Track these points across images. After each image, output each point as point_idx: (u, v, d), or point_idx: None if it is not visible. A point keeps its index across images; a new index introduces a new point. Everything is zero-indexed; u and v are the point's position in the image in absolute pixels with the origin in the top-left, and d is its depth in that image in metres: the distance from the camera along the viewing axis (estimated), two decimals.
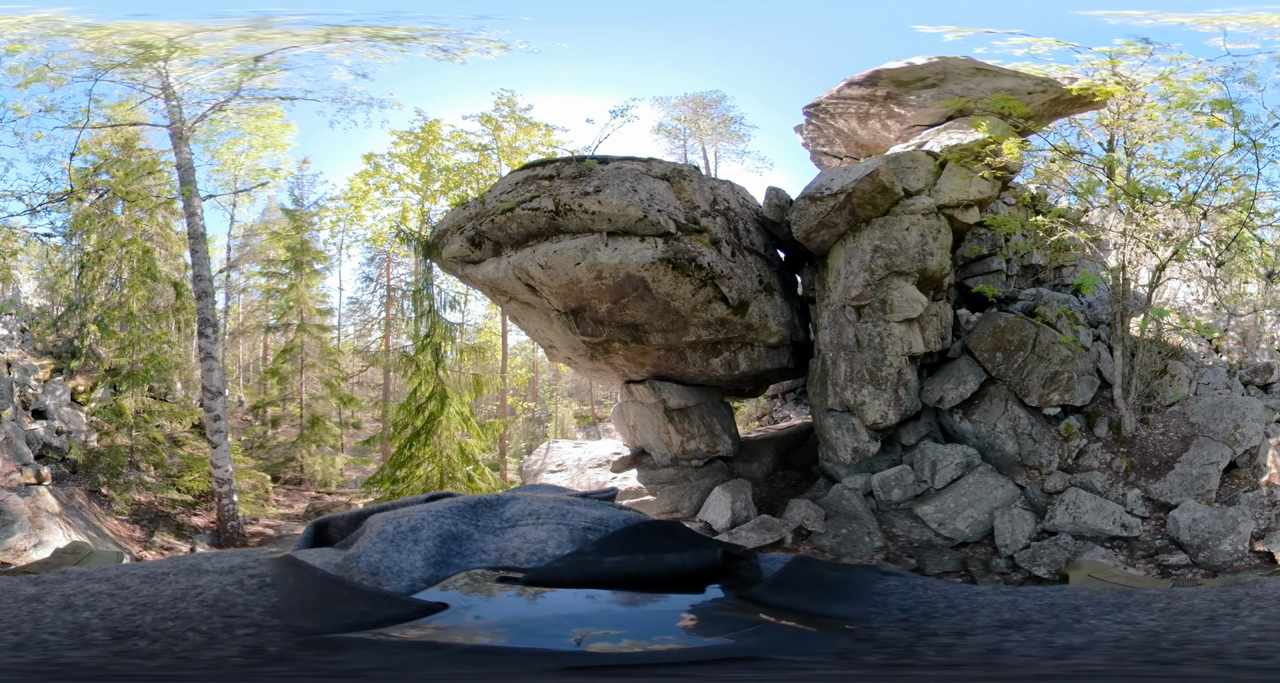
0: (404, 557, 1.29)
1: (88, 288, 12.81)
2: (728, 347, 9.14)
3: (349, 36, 10.77)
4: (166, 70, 11.62)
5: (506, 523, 1.42)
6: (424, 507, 1.56)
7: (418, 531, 1.37)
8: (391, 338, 21.23)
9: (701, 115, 22.33)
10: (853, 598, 1.13)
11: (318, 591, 1.19)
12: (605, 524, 1.40)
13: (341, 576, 1.27)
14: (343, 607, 1.11)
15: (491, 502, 1.53)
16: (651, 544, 1.33)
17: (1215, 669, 0.75)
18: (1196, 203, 7.94)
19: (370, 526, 1.48)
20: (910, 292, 8.20)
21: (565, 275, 8.26)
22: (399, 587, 1.21)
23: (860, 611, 1.08)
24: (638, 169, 8.54)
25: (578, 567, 1.22)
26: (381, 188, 16.02)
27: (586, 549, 1.30)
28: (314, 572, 1.29)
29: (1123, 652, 0.78)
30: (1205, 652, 0.77)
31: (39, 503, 9.65)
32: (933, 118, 9.50)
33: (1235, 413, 7.69)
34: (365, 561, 1.31)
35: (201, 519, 12.46)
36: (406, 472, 13.71)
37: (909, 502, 8.06)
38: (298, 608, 1.10)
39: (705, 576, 1.20)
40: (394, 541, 1.35)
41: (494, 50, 11.34)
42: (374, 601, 1.14)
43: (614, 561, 1.20)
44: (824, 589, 1.18)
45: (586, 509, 1.52)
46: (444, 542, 1.33)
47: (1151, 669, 0.75)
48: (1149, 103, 8.27)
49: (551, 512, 1.46)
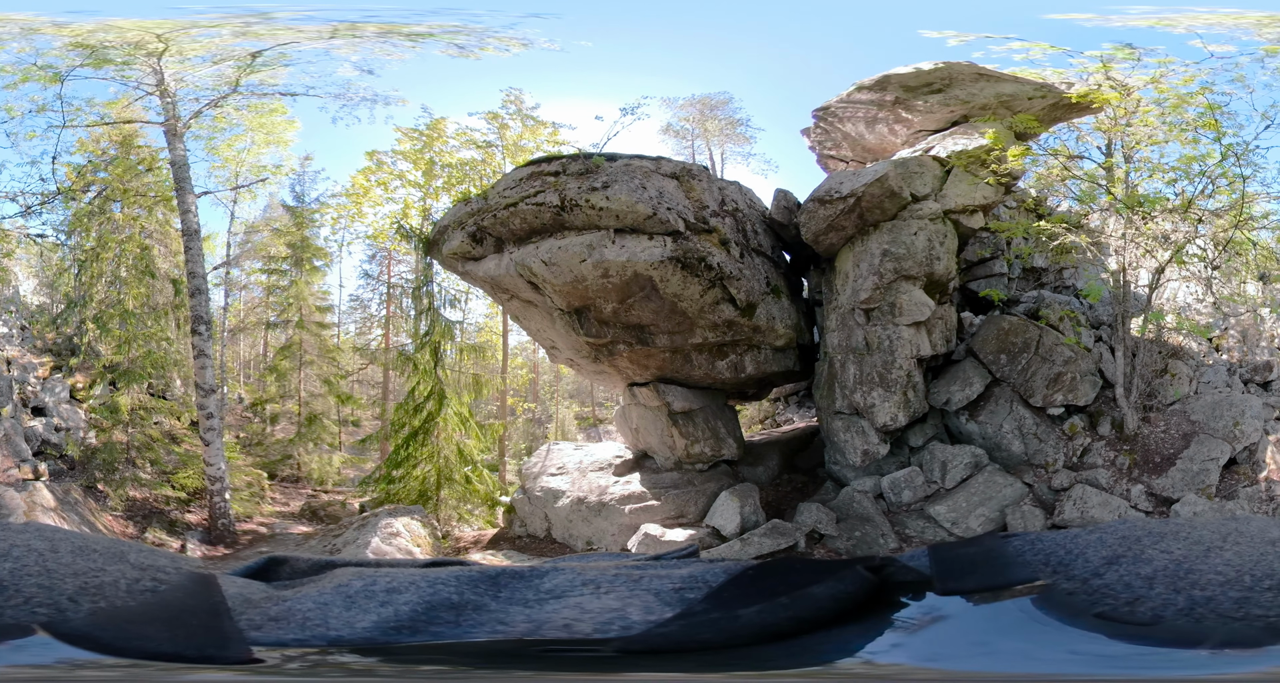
0: (346, 614, 1.02)
1: (87, 286, 12.69)
2: (734, 349, 9.16)
3: (359, 32, 10.73)
4: (161, 67, 11.55)
5: (547, 594, 1.08)
6: (418, 571, 1.22)
7: (395, 593, 1.06)
8: (392, 336, 21.14)
9: (708, 117, 22.37)
10: (1013, 564, 1.11)
11: (180, 610, 1.01)
12: (703, 580, 1.11)
13: (235, 608, 1.02)
14: (152, 629, 0.94)
15: (522, 572, 1.16)
16: (780, 585, 1.08)
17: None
18: (1193, 208, 8.09)
19: (335, 576, 1.18)
20: (918, 295, 8.28)
21: (570, 273, 8.24)
22: (286, 637, 0.96)
23: (1028, 573, 1.07)
24: (647, 167, 8.56)
25: (706, 626, 0.96)
26: (384, 184, 15.98)
27: (695, 608, 1.01)
28: (211, 594, 1.06)
29: (1165, 578, 0.97)
30: (1193, 582, 0.96)
31: (35, 498, 9.55)
32: (938, 123, 9.61)
33: (1235, 411, 7.83)
34: (286, 606, 1.04)
35: (195, 516, 12.35)
36: (403, 472, 13.64)
37: (920, 502, 8.12)
38: (123, 618, 0.96)
39: (865, 600, 1.03)
40: (351, 597, 1.05)
41: (514, 48, 11.30)
42: (192, 632, 0.94)
43: (753, 611, 0.97)
44: (990, 563, 1.15)
45: (668, 570, 1.19)
46: (430, 609, 1.01)
47: (1173, 597, 0.92)
48: (1143, 108, 8.41)
49: (617, 579, 1.12)
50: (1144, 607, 0.92)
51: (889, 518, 8.14)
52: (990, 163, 8.35)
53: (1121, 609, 0.93)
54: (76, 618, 0.95)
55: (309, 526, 13.28)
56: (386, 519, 10.06)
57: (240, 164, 14.55)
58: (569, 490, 10.01)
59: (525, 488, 10.91)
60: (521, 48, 11.25)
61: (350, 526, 10.83)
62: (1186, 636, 0.87)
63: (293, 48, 11.64)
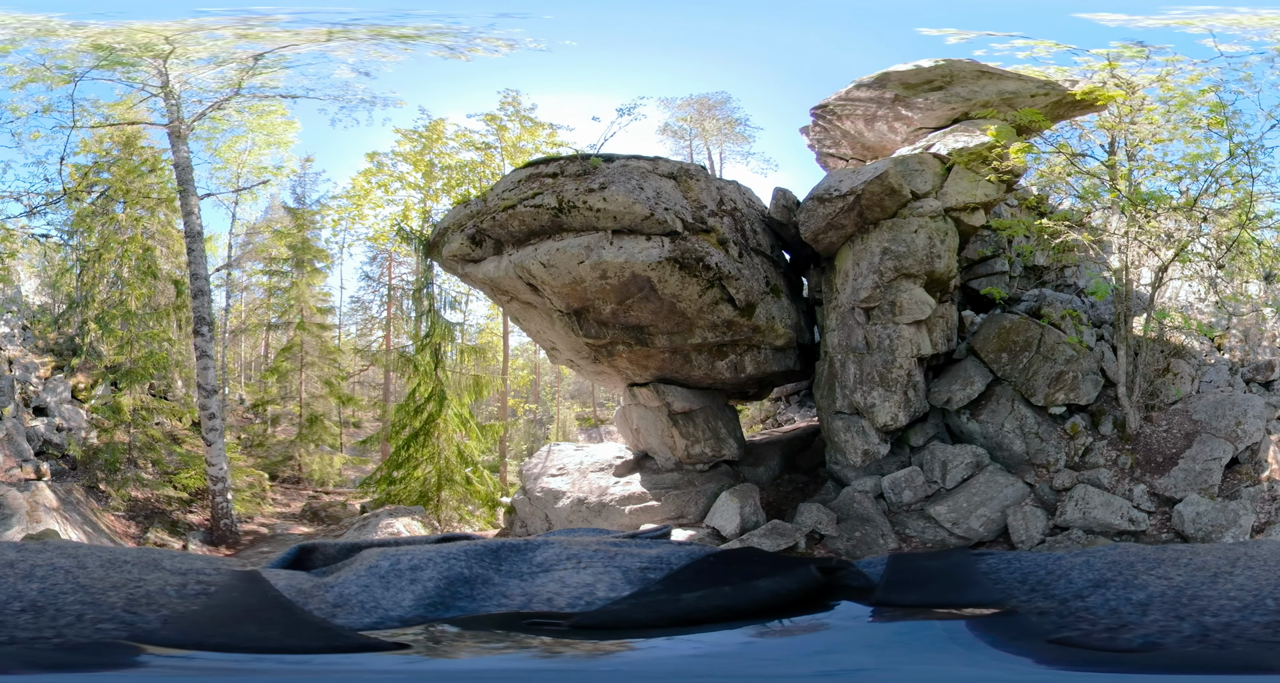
0: (389, 593, 1.09)
1: (89, 286, 12.75)
2: (734, 349, 9.13)
3: (353, 35, 10.76)
4: (166, 68, 11.59)
5: (538, 568, 1.17)
6: (432, 547, 1.31)
7: (419, 569, 1.15)
8: (392, 337, 21.17)
9: (707, 116, 22.33)
10: (975, 583, 1.08)
11: (248, 608, 1.04)
12: (666, 562, 1.17)
13: (295, 601, 1.07)
14: (248, 628, 0.95)
15: (519, 546, 1.28)
16: (731, 574, 1.13)
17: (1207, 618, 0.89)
18: (1197, 206, 8.04)
19: (363, 558, 1.26)
20: (919, 294, 8.24)
21: (568, 274, 8.22)
22: (361, 621, 1.02)
23: (992, 595, 1.03)
24: (644, 167, 8.54)
25: (646, 607, 1.01)
26: (384, 186, 16.00)
27: (651, 588, 1.08)
28: (267, 590, 1.10)
29: (1162, 604, 0.92)
30: (1200, 608, 0.91)
31: (37, 498, 9.58)
32: (939, 120, 9.56)
33: (1237, 410, 7.78)
34: (336, 591, 1.11)
35: (196, 516, 12.38)
36: (404, 473, 13.66)
37: (920, 503, 8.08)
38: (205, 621, 0.95)
39: (808, 596, 1.05)
40: (385, 577, 1.14)
41: (501, 48, 11.33)
42: (290, 627, 0.96)
43: (694, 597, 1.01)
44: (948, 579, 1.12)
45: (640, 549, 1.27)
46: (450, 584, 1.11)
47: (1175, 623, 0.88)
48: (1148, 105, 8.37)
49: (596, 555, 1.21)
50: (1132, 634, 0.88)
51: (889, 518, 8.10)
52: (991, 160, 8.30)
53: (1096, 635, 0.88)
54: (161, 627, 0.91)
55: (310, 526, 13.30)
56: (387, 520, 10.08)
57: (241, 166, 14.60)
58: (569, 491, 10.00)
59: (526, 489, 10.90)
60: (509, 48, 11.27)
61: (351, 526, 10.85)
62: (1201, 662, 0.83)
63: (291, 50, 11.68)
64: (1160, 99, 8.38)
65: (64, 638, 0.87)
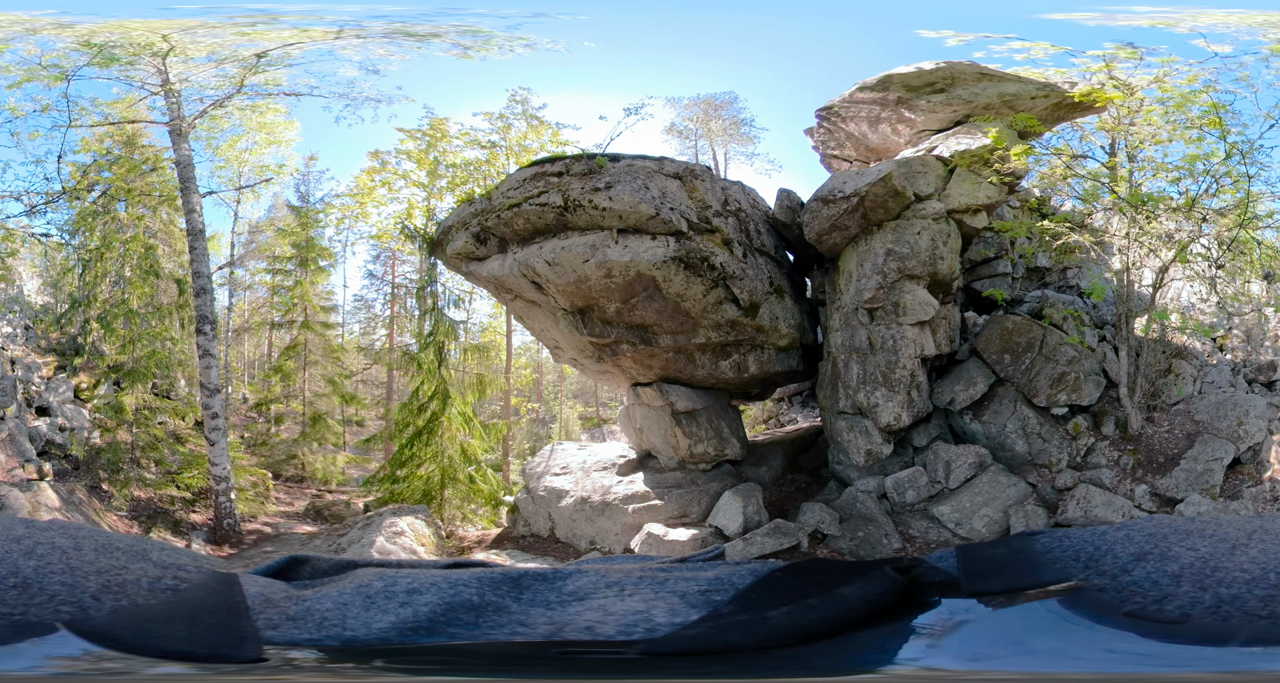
0: (365, 614, 1.00)
1: (91, 285, 12.73)
2: (737, 349, 9.16)
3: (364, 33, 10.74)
4: (166, 67, 11.57)
5: (569, 597, 1.06)
6: (439, 572, 1.21)
7: (416, 593, 1.05)
8: (396, 336, 21.18)
9: (712, 117, 22.33)
10: (1041, 563, 1.10)
11: (200, 609, 1.00)
12: (729, 582, 1.09)
13: (253, 608, 1.02)
14: (176, 628, 0.93)
15: (546, 574, 1.14)
16: (807, 586, 1.07)
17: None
18: (1197, 206, 8.08)
19: (355, 576, 1.18)
20: (922, 295, 8.28)
21: (573, 273, 8.25)
22: (312, 637, 0.95)
23: (1056, 572, 1.06)
24: (650, 167, 8.57)
25: (732, 628, 0.94)
26: (387, 184, 15.99)
27: (722, 610, 1.00)
28: (232, 594, 1.06)
29: (1191, 575, 0.97)
30: (1219, 579, 0.96)
31: (39, 498, 9.58)
32: (941, 122, 9.60)
33: (1239, 410, 7.82)
34: (306, 605, 1.03)
35: (199, 516, 12.38)
36: (407, 472, 13.66)
37: (923, 503, 8.12)
38: (146, 617, 0.95)
39: (894, 601, 1.01)
40: (371, 597, 1.04)
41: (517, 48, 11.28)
42: (208, 631, 0.93)
43: (782, 613, 0.95)
44: (1017, 563, 1.13)
45: (693, 573, 1.17)
46: (449, 610, 1.00)
47: (1200, 594, 0.93)
48: (1147, 107, 8.41)
49: (642, 581, 1.10)
50: (1172, 605, 0.92)
51: (892, 518, 8.14)
52: (993, 162, 8.35)
53: (1150, 607, 0.93)
54: (99, 616, 0.95)
55: (313, 525, 13.31)
56: (391, 519, 10.09)
57: (243, 164, 14.58)
58: (572, 490, 10.02)
59: (529, 488, 10.93)
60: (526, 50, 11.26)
61: (355, 525, 10.86)
62: (1214, 634, 0.87)
63: (296, 48, 11.66)
64: (1159, 100, 8.42)
65: (26, 615, 0.92)
